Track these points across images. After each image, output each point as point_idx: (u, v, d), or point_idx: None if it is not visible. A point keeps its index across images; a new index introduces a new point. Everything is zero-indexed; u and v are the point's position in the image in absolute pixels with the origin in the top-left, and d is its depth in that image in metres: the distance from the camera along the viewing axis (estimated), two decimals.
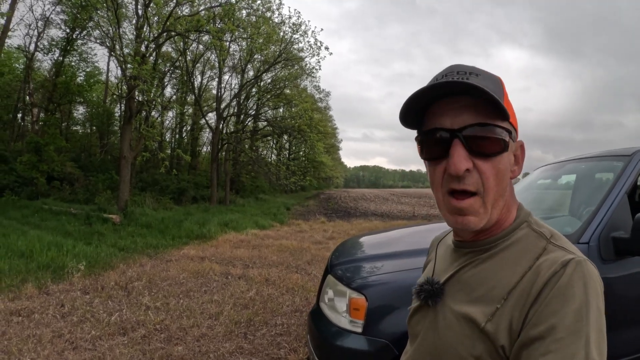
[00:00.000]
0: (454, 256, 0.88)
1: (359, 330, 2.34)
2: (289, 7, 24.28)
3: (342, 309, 2.52)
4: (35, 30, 19.23)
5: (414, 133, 0.83)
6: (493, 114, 0.73)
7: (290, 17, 20.81)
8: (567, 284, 0.67)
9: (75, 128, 26.50)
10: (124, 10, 15.06)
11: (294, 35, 20.37)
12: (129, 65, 11.78)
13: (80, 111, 26.16)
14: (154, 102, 13.93)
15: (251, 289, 5.67)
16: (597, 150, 3.22)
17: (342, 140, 61.31)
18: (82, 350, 3.62)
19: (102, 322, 4.21)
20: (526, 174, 5.54)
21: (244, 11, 15.97)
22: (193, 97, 25.96)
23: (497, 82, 0.77)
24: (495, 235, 0.81)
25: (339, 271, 2.78)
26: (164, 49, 19.31)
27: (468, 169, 0.74)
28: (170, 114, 29.71)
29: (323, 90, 33.18)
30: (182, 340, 3.91)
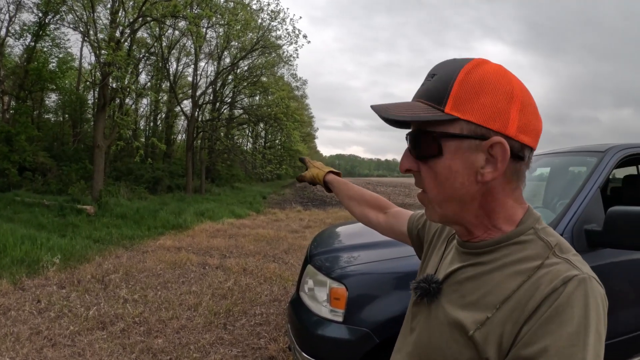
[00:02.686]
0: (457, 254, 0.83)
1: (340, 319, 2.37)
2: None
3: (322, 298, 2.55)
4: (7, 14, 18.50)
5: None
6: (436, 121, 0.73)
7: (268, 4, 20.61)
8: (566, 303, 0.62)
9: (47, 116, 25.51)
10: None
11: (272, 23, 20.17)
12: (103, 51, 11.47)
13: (52, 99, 25.22)
14: (128, 89, 13.62)
15: (229, 279, 5.67)
16: (573, 143, 3.32)
17: (318, 129, 61.27)
18: (61, 346, 3.57)
19: (80, 316, 4.15)
20: None
21: None
22: (168, 84, 25.51)
23: (449, 78, 0.72)
24: (487, 240, 0.76)
25: (319, 261, 2.81)
26: (139, 34, 18.89)
27: (409, 169, 0.78)
28: (144, 101, 29.15)
29: (300, 78, 32.98)
30: (162, 333, 3.90)
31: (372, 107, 0.78)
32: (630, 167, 3.99)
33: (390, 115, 0.74)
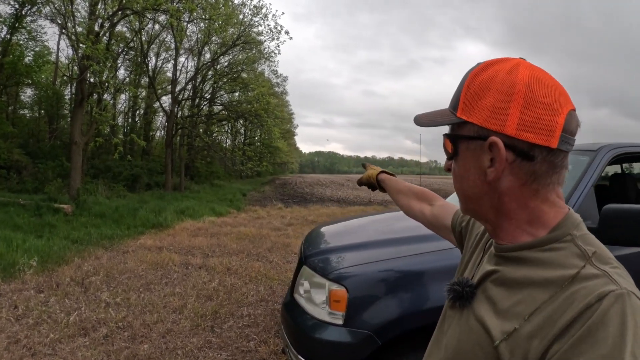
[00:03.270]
0: (491, 257, 0.80)
1: (340, 322, 2.32)
2: None
3: (320, 300, 2.49)
4: None
5: (373, 120, 0.86)
6: (455, 125, 0.78)
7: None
8: (600, 322, 0.58)
9: (22, 112, 24.69)
10: None
11: (254, 18, 20.05)
12: (81, 45, 11.16)
13: (28, 94, 24.35)
14: (107, 84, 13.29)
15: (213, 279, 5.56)
16: None
17: (298, 125, 61.43)
18: (42, 355, 3.39)
19: (60, 323, 3.96)
20: None
21: None
22: (147, 80, 25.08)
23: (462, 84, 0.76)
24: (517, 243, 0.73)
25: (315, 262, 2.74)
26: (118, 28, 18.49)
27: (449, 168, 0.83)
28: (122, 97, 28.68)
29: (280, 75, 32.86)
30: (147, 338, 3.76)
31: (415, 117, 0.87)
32: (613, 166, 4.13)
33: (419, 123, 0.84)
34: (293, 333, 2.58)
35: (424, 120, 0.83)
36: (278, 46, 22.11)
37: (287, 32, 20.74)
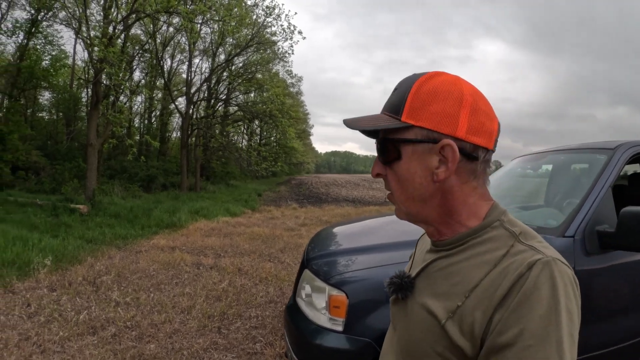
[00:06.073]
0: (429, 253, 0.87)
1: (340, 328, 2.26)
2: None
3: (320, 305, 2.43)
4: None
5: None
6: (395, 129, 0.80)
7: (263, 0, 20.47)
8: (533, 287, 0.65)
9: (40, 115, 25.27)
10: None
11: (267, 19, 20.11)
12: (95, 48, 11.32)
13: (45, 97, 25.03)
14: (121, 87, 13.45)
15: (223, 279, 5.57)
16: (569, 140, 3.21)
17: (313, 125, 61.30)
18: (51, 353, 3.44)
19: (70, 321, 4.02)
20: (498, 165, 5.55)
21: None
22: (162, 81, 25.39)
23: (405, 91, 0.79)
24: (454, 236, 0.80)
25: (316, 265, 2.68)
26: (133, 31, 18.72)
27: (379, 173, 0.86)
28: (139, 98, 29.06)
29: (295, 75, 32.90)
30: (154, 338, 3.78)
31: (344, 121, 0.85)
32: (632, 165, 3.97)
33: (358, 127, 0.83)
34: (294, 337, 2.53)
35: (362, 123, 0.83)
36: (292, 46, 22.26)
37: (300, 32, 20.77)
